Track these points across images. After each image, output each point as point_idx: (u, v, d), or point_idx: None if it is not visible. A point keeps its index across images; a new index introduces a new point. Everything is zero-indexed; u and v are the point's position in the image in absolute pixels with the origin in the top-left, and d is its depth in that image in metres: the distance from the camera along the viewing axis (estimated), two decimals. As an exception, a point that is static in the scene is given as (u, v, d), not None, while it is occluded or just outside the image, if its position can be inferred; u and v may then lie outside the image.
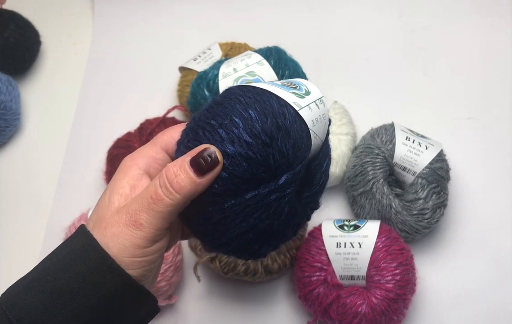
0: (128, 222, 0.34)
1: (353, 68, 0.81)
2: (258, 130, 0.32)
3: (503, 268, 0.64)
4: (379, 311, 0.56)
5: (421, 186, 0.63)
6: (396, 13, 0.85)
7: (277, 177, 0.33)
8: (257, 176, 0.33)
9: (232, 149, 0.32)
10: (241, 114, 0.33)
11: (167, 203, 0.33)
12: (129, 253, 0.33)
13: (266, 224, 0.34)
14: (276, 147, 0.33)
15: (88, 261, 0.33)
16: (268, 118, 0.33)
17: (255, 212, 0.34)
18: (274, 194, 0.34)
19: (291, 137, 0.33)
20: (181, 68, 0.78)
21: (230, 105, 0.34)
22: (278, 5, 0.88)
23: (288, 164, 0.34)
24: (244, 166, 0.32)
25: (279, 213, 0.34)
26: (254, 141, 0.32)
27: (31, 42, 0.84)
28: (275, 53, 0.69)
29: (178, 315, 0.65)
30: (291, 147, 0.33)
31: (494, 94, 0.76)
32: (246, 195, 0.33)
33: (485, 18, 0.82)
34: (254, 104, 0.34)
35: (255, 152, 0.32)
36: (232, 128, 0.33)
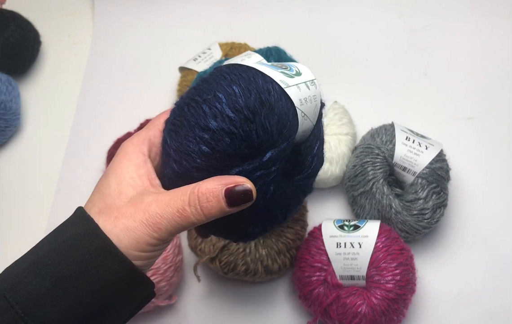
0: (146, 222, 0.34)
1: (353, 68, 0.81)
2: (241, 105, 0.32)
3: (503, 268, 0.64)
4: (379, 311, 0.56)
5: (421, 186, 0.63)
6: (396, 13, 0.85)
7: (261, 153, 0.33)
8: (240, 152, 0.33)
9: (214, 125, 0.32)
10: (225, 90, 0.33)
11: (192, 222, 0.34)
12: (140, 248, 0.34)
13: (258, 208, 0.34)
14: (259, 123, 0.33)
15: (90, 247, 0.33)
16: (251, 94, 0.33)
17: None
18: (258, 171, 0.33)
19: (275, 114, 0.33)
20: (181, 68, 0.78)
21: (215, 81, 0.34)
22: (278, 5, 0.88)
23: (272, 140, 0.33)
24: (227, 141, 0.32)
25: (264, 191, 0.34)
26: (236, 117, 0.32)
27: (31, 42, 0.84)
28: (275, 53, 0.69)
29: (178, 315, 0.65)
30: (275, 123, 0.33)
31: (494, 94, 0.76)
32: (230, 171, 0.33)
33: (485, 18, 0.82)
34: (239, 80, 0.34)
35: (237, 127, 0.32)
36: (215, 104, 0.33)
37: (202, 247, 0.62)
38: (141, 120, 0.73)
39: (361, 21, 0.85)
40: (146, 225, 0.34)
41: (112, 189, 0.36)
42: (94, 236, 0.33)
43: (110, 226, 0.34)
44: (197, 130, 0.33)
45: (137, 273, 0.34)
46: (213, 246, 0.61)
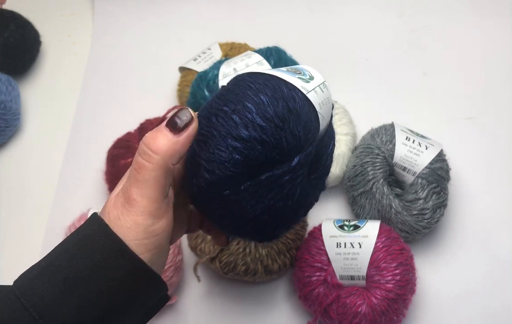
0: (123, 202, 0.34)
1: (353, 68, 0.81)
2: (270, 114, 0.34)
3: (503, 268, 0.64)
4: (379, 311, 0.56)
5: (421, 186, 0.63)
6: (397, 13, 0.85)
7: (290, 158, 0.35)
8: (272, 158, 0.34)
9: (246, 134, 0.33)
10: (253, 100, 0.34)
11: (149, 168, 0.33)
12: (132, 234, 0.33)
13: (280, 205, 0.35)
14: (288, 130, 0.34)
15: (99, 247, 0.33)
16: (279, 102, 0.34)
17: (270, 193, 0.35)
18: (287, 175, 0.35)
19: (302, 120, 0.35)
20: (181, 68, 0.78)
21: (241, 91, 0.35)
22: (278, 5, 0.88)
23: (300, 145, 0.35)
24: (259, 149, 0.33)
25: (292, 193, 0.36)
26: (267, 125, 0.33)
27: (31, 42, 0.84)
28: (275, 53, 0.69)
29: (178, 315, 0.65)
30: (302, 129, 0.35)
31: (494, 94, 0.76)
32: (261, 176, 0.34)
33: (485, 18, 0.82)
34: (265, 89, 0.35)
35: (269, 135, 0.33)
36: (246, 113, 0.34)
37: (202, 247, 0.62)
38: (141, 120, 0.73)
39: (361, 21, 0.85)
40: (124, 204, 0.34)
41: (111, 193, 0.36)
42: (104, 235, 0.33)
43: (106, 222, 0.34)
44: (229, 140, 0.34)
45: (148, 271, 0.34)
46: (213, 246, 0.61)
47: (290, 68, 0.38)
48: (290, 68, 0.38)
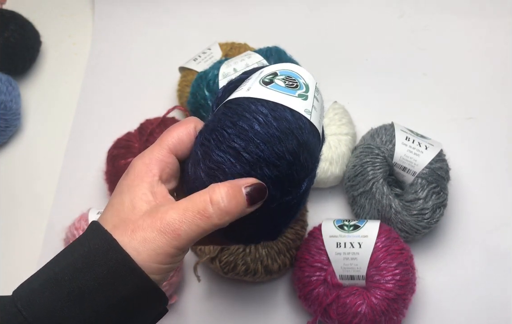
0: (164, 230, 0.33)
1: (353, 68, 0.81)
2: (282, 151, 0.35)
3: (503, 268, 0.64)
4: (379, 311, 0.56)
5: (421, 186, 0.63)
6: (396, 13, 0.85)
7: (299, 186, 0.36)
8: (283, 190, 0.36)
9: (261, 174, 0.35)
10: (264, 138, 0.35)
11: (214, 222, 0.34)
12: (159, 260, 0.33)
13: (284, 220, 0.38)
14: (298, 163, 0.35)
15: (107, 262, 0.32)
16: (289, 137, 0.35)
17: (277, 215, 0.37)
18: (296, 200, 0.37)
19: (309, 150, 0.36)
20: (181, 68, 0.78)
21: (250, 127, 0.35)
22: (278, 5, 0.88)
23: (307, 172, 0.36)
24: (271, 188, 0.35)
25: (297, 209, 0.38)
26: (280, 163, 0.35)
27: (31, 42, 0.84)
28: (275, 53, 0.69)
29: (178, 315, 0.65)
30: (310, 157, 0.36)
31: (494, 95, 0.76)
32: (272, 205, 0.36)
33: (485, 18, 0.82)
34: (273, 123, 0.35)
35: (282, 173, 0.35)
36: (259, 153, 0.35)
37: (202, 247, 0.62)
38: (141, 120, 0.73)
39: (361, 21, 0.85)
40: (164, 233, 0.33)
41: (126, 204, 0.35)
42: (113, 251, 0.33)
43: (127, 239, 0.33)
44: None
45: (155, 289, 0.34)
46: (213, 246, 0.61)
47: (286, 79, 0.38)
48: (287, 81, 0.38)
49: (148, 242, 0.33)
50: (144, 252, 0.33)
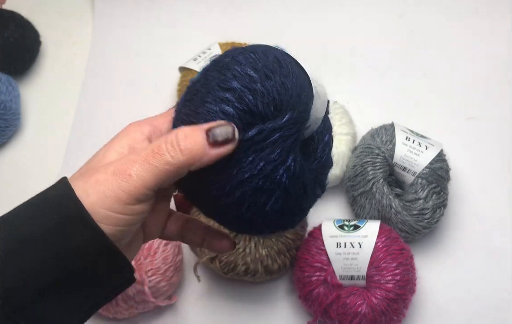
0: (116, 171, 0.31)
1: (353, 68, 0.81)
2: (259, 66, 0.33)
3: (503, 268, 0.64)
4: (379, 311, 0.56)
5: (421, 186, 0.63)
6: (396, 13, 0.85)
7: (281, 114, 0.33)
8: (262, 110, 0.33)
9: (236, 84, 0.33)
10: (244, 56, 0.34)
11: (166, 159, 0.31)
12: (107, 204, 0.31)
13: (276, 175, 0.33)
14: (278, 80, 0.33)
15: (60, 210, 0.31)
16: (269, 56, 0.34)
17: (262, 152, 0.32)
18: (277, 132, 0.33)
19: (293, 76, 0.34)
20: (181, 68, 0.78)
21: (231, 53, 0.34)
22: (278, 5, 0.88)
23: (292, 101, 0.33)
24: (250, 98, 0.32)
25: (284, 159, 0.33)
26: (257, 75, 0.33)
27: (31, 42, 0.84)
28: (275, 53, 0.69)
29: (178, 315, 0.65)
30: (294, 85, 0.34)
31: (494, 95, 0.76)
32: (249, 132, 0.32)
33: (485, 18, 0.82)
34: (255, 48, 0.35)
35: (257, 84, 0.33)
36: (235, 67, 0.33)
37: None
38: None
39: (361, 21, 0.85)
40: (116, 174, 0.31)
41: (99, 155, 0.34)
42: (67, 199, 0.31)
43: (82, 184, 0.31)
44: (219, 92, 0.33)
45: (107, 243, 0.31)
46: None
47: None
48: None
49: (99, 183, 0.31)
50: (94, 194, 0.31)
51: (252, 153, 0.32)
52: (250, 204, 0.33)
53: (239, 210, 0.34)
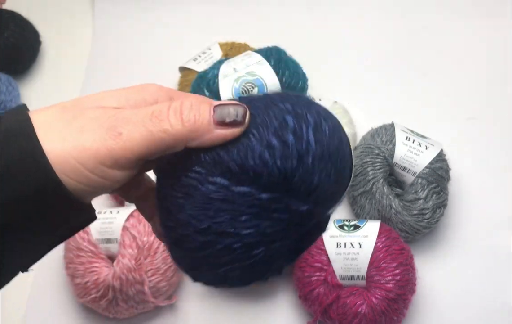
0: (106, 125, 0.27)
1: (353, 68, 0.81)
2: (324, 141, 0.30)
3: (503, 268, 0.64)
4: (379, 311, 0.56)
5: (421, 186, 0.63)
6: (397, 13, 0.85)
7: (305, 201, 0.29)
8: (294, 185, 0.28)
9: (292, 140, 0.28)
10: (314, 117, 0.30)
11: (164, 127, 0.27)
12: (82, 157, 0.26)
13: (256, 253, 0.28)
14: (329, 169, 0.30)
15: (10, 148, 0.26)
16: (335, 136, 0.31)
17: (260, 219, 0.28)
18: (289, 215, 0.28)
19: (343, 173, 0.32)
20: (181, 68, 0.78)
21: (305, 103, 0.30)
22: (278, 5, 0.88)
23: (321, 198, 0.30)
24: (294, 164, 0.28)
25: (273, 248, 0.29)
26: (316, 148, 0.29)
27: (31, 42, 0.84)
28: (275, 53, 0.69)
29: (178, 315, 0.65)
30: (337, 182, 0.31)
31: (494, 94, 0.76)
32: (267, 193, 0.28)
33: (486, 17, 0.82)
34: (329, 117, 0.31)
35: (310, 158, 0.29)
36: (302, 125, 0.29)
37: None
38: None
39: (361, 21, 0.85)
40: (104, 128, 0.27)
41: (96, 95, 0.30)
42: (22, 136, 0.26)
43: (61, 124, 0.27)
44: (269, 134, 0.28)
45: (64, 193, 0.26)
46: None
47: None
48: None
49: (82, 131, 0.27)
50: (71, 140, 0.26)
51: (251, 213, 0.28)
52: (210, 255, 0.28)
53: (196, 252, 0.29)
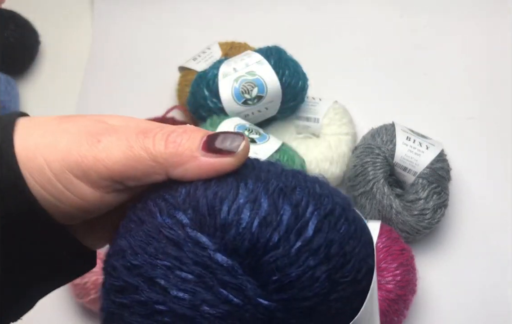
0: (91, 131, 0.25)
1: (353, 68, 0.81)
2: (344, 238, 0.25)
3: (503, 268, 0.64)
4: (380, 312, 0.56)
5: (422, 186, 0.62)
6: (397, 12, 0.85)
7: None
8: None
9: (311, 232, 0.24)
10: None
11: (147, 145, 0.24)
12: (50, 157, 0.24)
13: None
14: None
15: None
16: (359, 232, 0.26)
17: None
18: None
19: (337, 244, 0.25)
20: (181, 68, 0.78)
21: (324, 189, 0.26)
22: (278, 5, 0.88)
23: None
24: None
25: None
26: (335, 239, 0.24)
27: (30, 42, 0.84)
28: (275, 52, 0.69)
29: (178, 315, 0.64)
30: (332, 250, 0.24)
31: (495, 94, 0.76)
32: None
33: (486, 17, 0.82)
34: (347, 215, 0.26)
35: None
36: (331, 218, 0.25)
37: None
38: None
39: (361, 21, 0.85)
40: (87, 132, 0.24)
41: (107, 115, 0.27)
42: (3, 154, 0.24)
43: (36, 131, 0.25)
44: (281, 199, 0.24)
45: (37, 206, 0.24)
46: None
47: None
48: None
49: (64, 132, 0.24)
50: (49, 139, 0.24)
51: (194, 273, 0.23)
52: (125, 306, 0.24)
53: (113, 294, 0.24)
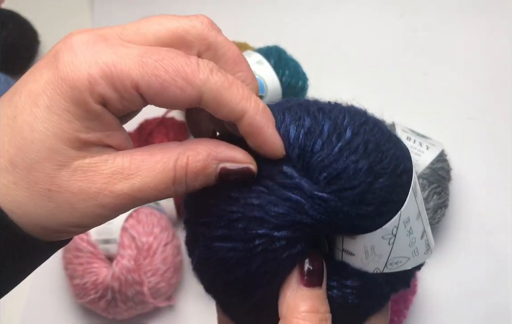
0: (118, 170, 0.25)
1: (353, 68, 0.81)
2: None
3: (504, 268, 0.64)
4: (380, 312, 0.56)
5: (422, 186, 0.62)
6: (397, 13, 0.85)
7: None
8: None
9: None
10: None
11: (165, 196, 0.25)
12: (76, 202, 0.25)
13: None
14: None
15: None
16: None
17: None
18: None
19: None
20: (181, 68, 0.78)
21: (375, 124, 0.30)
22: (278, 5, 0.87)
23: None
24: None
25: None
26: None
27: (29, 41, 0.84)
28: (275, 52, 0.69)
29: (178, 315, 0.64)
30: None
31: (495, 94, 0.76)
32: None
33: (486, 17, 0.82)
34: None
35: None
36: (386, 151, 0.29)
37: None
38: (140, 120, 0.73)
39: (362, 21, 0.85)
40: (118, 171, 0.25)
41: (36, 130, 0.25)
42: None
43: (30, 198, 0.25)
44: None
45: (31, 244, 0.25)
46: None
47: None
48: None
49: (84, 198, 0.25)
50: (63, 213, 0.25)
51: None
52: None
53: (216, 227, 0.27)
